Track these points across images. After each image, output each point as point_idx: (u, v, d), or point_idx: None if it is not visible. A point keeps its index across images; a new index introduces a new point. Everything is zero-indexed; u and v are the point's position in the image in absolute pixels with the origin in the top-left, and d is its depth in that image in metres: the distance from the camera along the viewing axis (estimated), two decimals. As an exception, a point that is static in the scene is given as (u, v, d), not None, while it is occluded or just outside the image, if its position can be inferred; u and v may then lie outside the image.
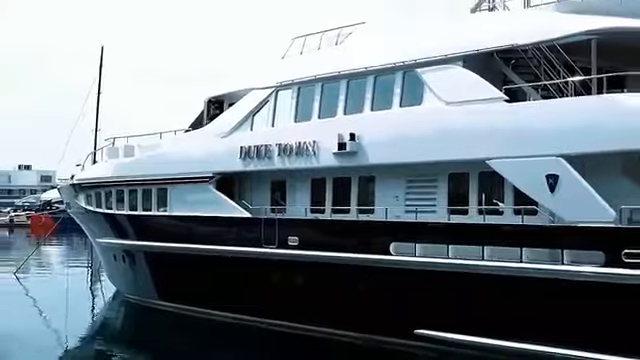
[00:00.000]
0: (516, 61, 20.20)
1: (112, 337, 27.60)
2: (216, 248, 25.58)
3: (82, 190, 33.72)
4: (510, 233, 18.81)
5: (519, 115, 19.38)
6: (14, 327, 27.08)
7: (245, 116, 26.35)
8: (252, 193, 26.18)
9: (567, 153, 17.90)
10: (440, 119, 20.76)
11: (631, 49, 19.22)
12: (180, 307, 27.43)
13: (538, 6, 21.12)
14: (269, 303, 23.88)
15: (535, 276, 17.88)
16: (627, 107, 17.68)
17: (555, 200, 18.14)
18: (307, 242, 22.97)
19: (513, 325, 18.25)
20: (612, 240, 16.84)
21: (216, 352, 22.60)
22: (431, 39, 21.48)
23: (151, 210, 29.25)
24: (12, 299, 35.15)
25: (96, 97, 39.84)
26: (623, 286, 16.44)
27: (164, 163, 28.96)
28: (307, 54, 26.44)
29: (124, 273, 31.70)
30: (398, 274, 20.50)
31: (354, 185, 23.41)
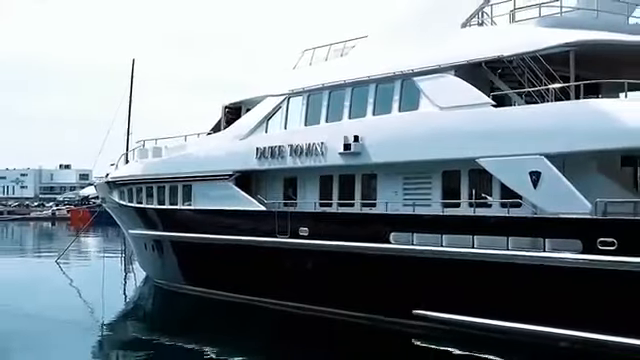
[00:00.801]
0: (502, 70, 20.21)
1: (143, 317, 27.72)
2: (235, 238, 25.69)
3: (116, 187, 33.84)
4: (497, 224, 18.87)
5: (505, 118, 19.40)
6: (57, 308, 27.45)
7: (260, 120, 26.43)
8: (267, 189, 26.22)
9: (548, 152, 17.94)
10: (434, 122, 20.81)
11: (605, 59, 19.34)
12: (203, 291, 27.51)
13: (522, 21, 21.09)
14: (282, 287, 23.97)
15: (520, 262, 17.90)
16: (601, 111, 17.69)
17: (537, 194, 18.15)
18: (316, 232, 23.04)
19: (500, 306, 18.27)
20: (588, 230, 16.86)
21: (235, 330, 22.59)
22: (426, 51, 21.46)
23: (177, 204, 29.34)
24: (55, 284, 35.70)
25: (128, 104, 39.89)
26: (598, 271, 16.45)
27: (189, 162, 29.08)
28: (316, 64, 26.50)
29: (153, 260, 31.81)
30: (397, 261, 20.57)
31: (358, 182, 23.46)
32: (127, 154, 35.56)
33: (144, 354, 20.67)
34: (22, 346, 20.63)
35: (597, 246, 16.50)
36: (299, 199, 25.21)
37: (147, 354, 20.56)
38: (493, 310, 18.35)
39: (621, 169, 18.76)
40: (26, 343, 21.17)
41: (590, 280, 16.62)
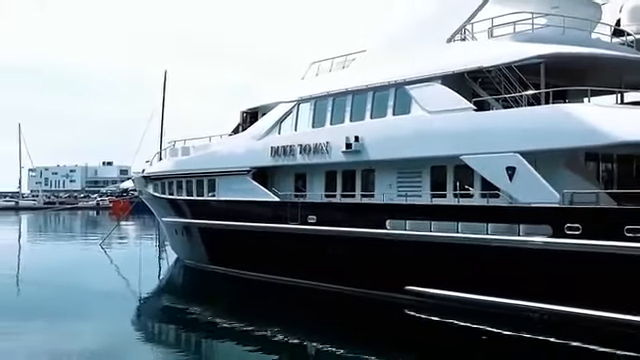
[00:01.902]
0: (482, 79, 20.14)
1: (174, 291, 27.86)
2: (253, 224, 25.74)
3: (151, 181, 33.89)
4: (478, 212, 18.91)
5: (485, 121, 19.37)
6: (102, 284, 27.77)
7: (274, 123, 26.41)
8: (280, 183, 26.19)
9: (522, 150, 17.98)
10: (424, 125, 20.75)
11: (571, 69, 19.40)
12: (225, 269, 27.58)
13: (499, 37, 21.02)
14: (293, 266, 23.99)
15: (498, 245, 17.95)
16: (568, 114, 17.69)
17: (513, 186, 18.16)
18: (323, 220, 23.04)
19: (480, 283, 18.31)
20: (557, 217, 16.88)
21: (250, 301, 22.80)
22: (416, 63, 21.42)
23: (203, 196, 29.36)
24: (99, 263, 35.89)
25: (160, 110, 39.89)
26: (565, 252, 16.50)
27: (213, 160, 29.08)
28: (321, 75, 26.50)
29: (183, 244, 31.85)
30: (392, 244, 20.59)
31: (358, 176, 23.44)
32: (160, 153, 35.60)
33: (174, 320, 20.86)
34: (71, 313, 20.89)
35: (564, 231, 16.57)
36: (308, 191, 25.19)
37: (177, 320, 20.72)
38: (474, 286, 18.40)
39: (585, 164, 18.72)
40: (75, 310, 21.43)
41: (558, 260, 16.69)
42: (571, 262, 16.39)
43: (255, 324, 18.53)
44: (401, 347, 15.94)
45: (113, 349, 16.41)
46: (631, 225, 15.44)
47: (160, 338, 19.13)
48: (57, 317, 20.31)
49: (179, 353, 17.25)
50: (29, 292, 26.38)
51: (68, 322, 19.66)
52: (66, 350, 15.78)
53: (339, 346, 15.63)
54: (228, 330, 18.62)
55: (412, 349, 15.75)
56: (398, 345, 16.21)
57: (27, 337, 17.24)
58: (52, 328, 18.66)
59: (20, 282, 29.52)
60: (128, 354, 16.22)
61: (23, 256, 42.72)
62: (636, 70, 20.46)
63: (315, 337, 16.60)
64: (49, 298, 24.13)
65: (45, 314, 20.88)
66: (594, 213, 16.60)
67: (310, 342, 16.19)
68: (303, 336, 16.75)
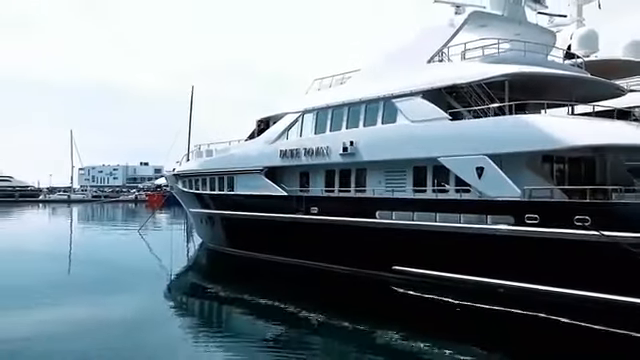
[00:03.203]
0: (456, 94, 20.10)
1: (199, 270, 27.86)
2: (265, 214, 25.67)
3: (180, 178, 33.86)
4: (453, 204, 18.88)
5: (458, 129, 19.31)
6: (139, 263, 28.13)
7: (283, 130, 26.37)
8: (288, 180, 26.11)
9: (489, 153, 17.99)
10: (407, 131, 20.73)
11: (530, 86, 19.36)
12: (242, 252, 27.52)
13: (470, 59, 21.05)
14: (298, 249, 23.98)
15: (469, 232, 17.96)
16: (528, 123, 17.69)
17: (482, 183, 18.15)
18: (323, 210, 23.06)
19: (455, 263, 18.35)
20: (518, 209, 16.90)
21: (263, 278, 22.78)
22: (401, 80, 21.39)
23: (224, 191, 29.31)
24: (137, 246, 36.03)
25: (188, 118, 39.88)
26: (525, 238, 16.54)
27: (232, 160, 29.05)
28: (322, 90, 26.46)
29: (207, 230, 31.82)
30: (381, 231, 20.56)
31: (353, 174, 23.34)
32: (188, 154, 35.58)
33: (199, 293, 21.02)
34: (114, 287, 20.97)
35: (525, 220, 16.62)
36: (311, 187, 25.13)
37: (201, 293, 20.92)
38: (450, 266, 18.46)
39: (542, 165, 18.71)
40: (117, 285, 21.51)
41: (520, 245, 16.69)
42: (530, 246, 16.45)
43: (265, 296, 18.56)
44: (388, 317, 15.90)
45: (148, 318, 16.46)
46: (579, 215, 15.49)
47: (187, 308, 19.14)
48: (101, 290, 20.38)
49: (203, 320, 17.36)
50: (79, 269, 26.54)
51: (111, 294, 19.69)
52: (108, 318, 15.78)
53: (335, 315, 15.63)
54: (243, 300, 18.70)
55: (397, 318, 15.70)
56: (385, 315, 16.18)
57: (76, 308, 17.31)
58: (97, 299, 18.71)
59: (72, 261, 29.65)
60: (161, 322, 16.21)
61: (74, 239, 42.93)
62: (584, 87, 20.56)
63: (315, 308, 16.58)
64: (95, 274, 24.24)
65: (91, 288, 21.00)
66: (549, 206, 16.61)
67: (311, 312, 16.15)
68: (305, 306, 16.71)
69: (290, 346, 13.76)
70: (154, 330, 15.10)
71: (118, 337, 13.85)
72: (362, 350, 12.99)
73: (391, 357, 12.55)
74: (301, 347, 13.58)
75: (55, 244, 37.93)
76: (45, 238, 43.41)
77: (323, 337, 14.24)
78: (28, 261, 28.93)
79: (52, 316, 16.07)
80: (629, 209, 15.57)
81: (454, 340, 13.26)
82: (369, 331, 14.06)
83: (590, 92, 20.86)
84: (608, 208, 15.83)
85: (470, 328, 14.82)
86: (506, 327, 14.73)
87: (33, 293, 19.35)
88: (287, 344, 13.95)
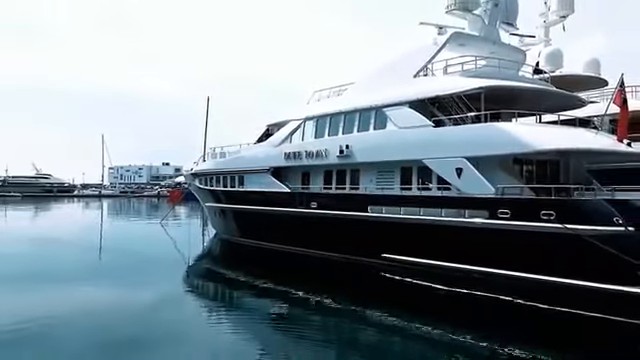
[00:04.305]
0: (439, 104, 20.09)
1: (213, 257, 27.72)
2: (271, 208, 25.71)
3: (197, 176, 33.83)
4: (435, 200, 18.86)
5: (440, 134, 19.31)
6: (161, 251, 28.00)
7: (287, 135, 26.32)
8: (291, 178, 26.08)
9: (468, 155, 18.02)
10: (396, 137, 20.71)
11: (503, 97, 19.34)
12: (251, 241, 27.48)
13: (451, 73, 21.08)
14: (299, 239, 23.98)
15: (449, 224, 17.98)
16: (501, 130, 17.72)
17: (460, 182, 18.17)
18: (322, 205, 23.04)
19: (437, 252, 18.36)
20: (492, 204, 16.92)
21: (268, 264, 22.73)
22: (391, 92, 21.39)
23: (235, 187, 29.29)
24: (159, 236, 35.92)
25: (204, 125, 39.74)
26: (498, 230, 16.56)
27: (242, 161, 29.00)
28: (322, 100, 26.41)
29: (220, 222, 31.80)
30: (372, 223, 20.59)
31: (348, 174, 23.31)
32: (204, 156, 35.52)
33: (213, 277, 20.94)
34: (140, 271, 21.07)
35: (498, 215, 16.65)
36: (311, 185, 25.08)
37: (215, 277, 20.83)
38: (432, 254, 18.48)
39: (513, 166, 18.69)
40: (141, 269, 21.63)
41: (493, 236, 16.70)
42: (502, 237, 16.45)
43: (270, 279, 18.51)
44: (377, 298, 15.96)
45: (169, 297, 16.50)
46: (545, 210, 15.55)
47: (202, 289, 19.13)
48: (129, 274, 20.49)
49: (216, 299, 17.40)
50: (109, 256, 26.64)
51: (137, 277, 19.81)
52: (135, 297, 15.89)
53: (331, 296, 15.60)
54: (251, 283, 18.66)
55: (386, 300, 15.76)
56: (375, 296, 16.24)
57: (107, 288, 17.39)
58: (125, 281, 18.82)
59: (102, 248, 29.69)
60: (180, 300, 16.25)
61: (104, 229, 42.90)
62: (550, 98, 20.57)
63: (314, 290, 16.57)
64: (123, 260, 24.37)
65: (120, 271, 21.12)
66: (519, 202, 16.61)
67: (309, 293, 16.16)
68: (304, 288, 16.71)
69: (291, 322, 13.82)
70: (174, 308, 15.15)
71: (144, 313, 14.04)
72: (354, 326, 13.04)
73: (380, 332, 12.58)
74: (300, 323, 13.62)
75: (88, 233, 37.99)
76: (79, 228, 43.40)
77: (320, 314, 14.27)
78: (65, 248, 29.20)
79: (87, 296, 16.19)
80: (588, 205, 15.66)
81: (435, 319, 13.25)
82: (361, 310, 14.11)
83: (555, 103, 20.86)
84: (570, 204, 15.88)
85: (450, 309, 14.84)
86: (481, 308, 14.74)
87: (70, 276, 19.71)
88: (288, 321, 13.98)
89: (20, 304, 14.78)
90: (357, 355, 11.25)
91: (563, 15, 31.84)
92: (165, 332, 12.32)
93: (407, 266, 19.05)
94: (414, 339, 11.95)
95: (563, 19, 31.97)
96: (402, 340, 12.02)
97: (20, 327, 12.14)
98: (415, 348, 11.54)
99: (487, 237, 16.85)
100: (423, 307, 14.97)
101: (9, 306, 14.52)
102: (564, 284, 14.86)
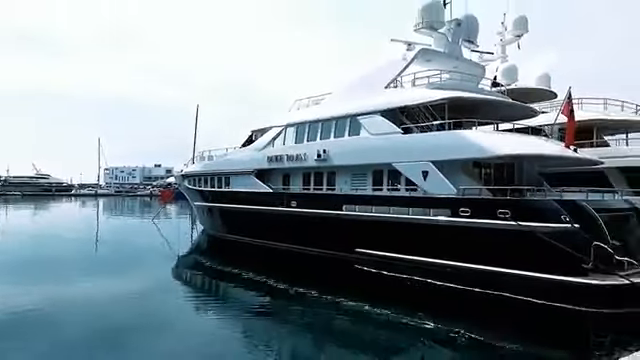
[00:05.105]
0: (407, 113, 20.15)
1: (201, 251, 27.40)
2: (255, 207, 25.48)
3: (187, 177, 33.42)
4: (403, 200, 18.89)
5: (408, 141, 19.36)
6: (152, 245, 27.57)
7: (270, 140, 26.16)
8: (273, 180, 25.88)
9: (433, 160, 18.09)
10: (369, 142, 20.74)
11: (465, 107, 19.46)
12: (236, 237, 27.20)
13: (418, 85, 21.18)
14: (280, 235, 23.80)
15: (416, 222, 18.00)
16: (463, 137, 17.82)
17: (426, 184, 18.24)
18: (301, 204, 22.90)
19: (405, 246, 18.32)
20: (454, 204, 16.98)
21: (252, 258, 22.60)
22: (364, 102, 21.41)
23: (222, 188, 29.03)
24: (150, 232, 35.30)
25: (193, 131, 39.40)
26: (459, 227, 16.65)
27: (229, 164, 28.73)
28: (302, 109, 26.28)
29: (208, 220, 31.46)
30: (347, 221, 20.51)
31: (325, 176, 23.25)
32: (193, 158, 35.20)
33: (200, 269, 20.69)
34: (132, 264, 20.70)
35: (459, 213, 16.70)
36: (291, 185, 24.94)
37: (202, 269, 20.59)
38: (401, 249, 18.45)
39: (473, 170, 18.85)
40: (134, 262, 21.25)
41: (455, 232, 16.78)
42: (463, 233, 16.53)
43: (253, 272, 18.45)
44: (351, 288, 15.96)
45: (160, 287, 16.34)
46: (501, 209, 15.65)
47: (189, 281, 18.86)
48: (122, 266, 20.22)
49: (203, 290, 17.18)
50: (104, 249, 26.20)
51: (130, 269, 19.57)
52: (128, 287, 15.59)
53: (309, 286, 15.61)
54: (235, 275, 18.60)
55: (359, 290, 15.77)
56: (349, 287, 16.25)
57: (102, 278, 17.08)
58: (119, 272, 18.54)
59: (98, 242, 29.22)
60: (169, 290, 16.06)
61: (100, 225, 42.18)
62: (506, 109, 20.74)
63: (293, 281, 16.57)
64: (117, 253, 24.08)
65: (114, 263, 20.86)
66: (478, 201, 16.71)
67: (289, 284, 16.14)
68: (284, 280, 16.73)
69: (270, 310, 13.77)
70: (165, 297, 14.97)
71: (136, 302, 13.86)
72: (330, 314, 13.01)
73: (352, 319, 12.58)
74: (280, 311, 13.59)
75: (84, 228, 37.36)
76: (76, 224, 42.61)
77: (298, 303, 14.19)
78: (63, 241, 28.69)
79: (82, 285, 15.92)
80: (539, 205, 15.82)
81: (402, 306, 13.32)
82: (336, 299, 14.12)
83: (511, 113, 21.07)
84: (523, 204, 16.04)
85: (415, 297, 14.94)
86: (443, 297, 14.88)
87: (68, 266, 19.46)
88: (268, 309, 13.92)
89: (17, 292, 14.45)
90: (333, 340, 11.24)
91: (518, 34, 32.35)
92: (154, 319, 12.16)
93: (378, 259, 19.02)
94: (383, 325, 12.00)
95: (518, 38, 32.48)
96: (373, 326, 12.05)
97: (16, 314, 11.93)
98: (383, 332, 11.57)
99: (450, 233, 16.92)
100: (392, 296, 15.02)
101: (7, 293, 14.23)
102: (518, 275, 14.95)
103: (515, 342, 10.30)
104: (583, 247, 14.08)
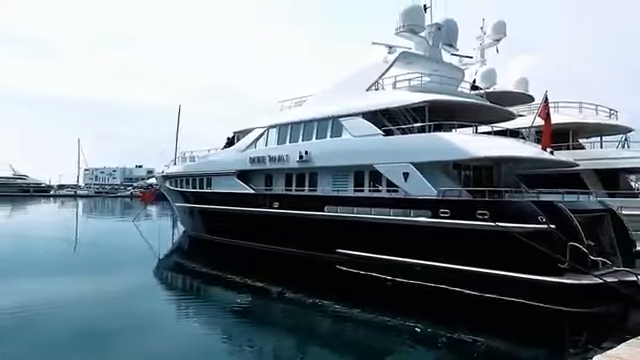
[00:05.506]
0: (389, 115, 20.31)
1: (182, 252, 27.17)
2: (237, 208, 25.29)
3: (168, 178, 33.12)
4: (384, 201, 18.97)
5: (390, 142, 19.50)
6: (133, 246, 27.35)
7: (252, 141, 26.07)
8: (255, 181, 25.80)
9: (413, 161, 18.23)
10: (350, 144, 20.81)
11: (445, 110, 19.67)
12: (217, 238, 26.99)
13: (399, 88, 21.36)
14: (262, 236, 23.66)
15: (397, 223, 18.08)
16: (442, 139, 18.00)
17: (407, 185, 18.37)
18: (283, 205, 22.82)
19: (386, 247, 18.40)
20: (435, 205, 17.11)
21: (233, 259, 22.46)
22: (346, 104, 21.51)
23: (203, 189, 28.82)
24: (131, 233, 34.91)
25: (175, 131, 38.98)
26: (439, 227, 16.76)
27: (211, 165, 28.56)
28: (285, 110, 26.28)
29: (189, 220, 31.18)
30: (328, 221, 20.51)
31: (307, 177, 23.25)
32: (175, 159, 34.88)
33: (181, 270, 20.52)
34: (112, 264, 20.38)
35: (439, 214, 16.82)
36: (273, 186, 24.88)
37: (183, 270, 20.42)
38: (382, 249, 18.51)
39: (453, 171, 19.05)
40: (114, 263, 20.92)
41: (435, 233, 16.89)
42: (444, 234, 16.65)
43: (234, 273, 18.34)
44: (333, 289, 15.99)
45: (140, 288, 16.12)
46: (480, 210, 15.85)
47: (170, 282, 18.69)
48: (102, 266, 19.87)
49: (184, 291, 17.00)
50: (82, 250, 25.81)
51: (110, 270, 19.21)
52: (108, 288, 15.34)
53: (291, 286, 15.62)
54: (216, 276, 18.48)
55: (340, 290, 15.80)
56: (331, 287, 16.27)
57: (80, 279, 16.75)
58: (98, 273, 18.21)
59: (77, 243, 28.73)
60: (150, 291, 15.89)
61: (80, 226, 41.35)
62: (485, 112, 21.06)
63: (275, 281, 16.55)
64: (97, 254, 23.68)
65: (93, 264, 20.47)
66: (458, 203, 16.87)
67: (271, 285, 16.10)
68: (266, 280, 16.67)
69: (251, 311, 13.69)
70: (144, 298, 14.77)
71: (115, 304, 13.56)
72: (311, 313, 13.04)
73: (333, 318, 12.59)
74: (262, 311, 13.55)
75: (63, 229, 36.51)
76: (54, 224, 41.77)
77: (279, 304, 14.20)
78: (39, 242, 28.05)
79: (59, 287, 15.56)
80: (517, 206, 16.03)
81: (383, 305, 13.39)
82: (317, 300, 14.11)
83: (489, 116, 21.35)
84: (501, 205, 16.21)
85: (396, 297, 15.01)
86: (424, 296, 14.97)
87: (45, 267, 19.02)
88: (249, 310, 13.83)
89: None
90: (313, 341, 11.23)
91: (497, 39, 32.80)
92: (133, 321, 11.94)
93: (359, 260, 19.06)
94: (364, 325, 12.04)
95: (497, 42, 32.94)
96: (353, 326, 12.07)
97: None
98: (364, 332, 11.60)
99: (430, 234, 17.04)
100: (372, 296, 15.08)
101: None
102: (497, 275, 15.13)
103: (493, 341, 10.44)
104: (559, 247, 14.31)
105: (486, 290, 14.43)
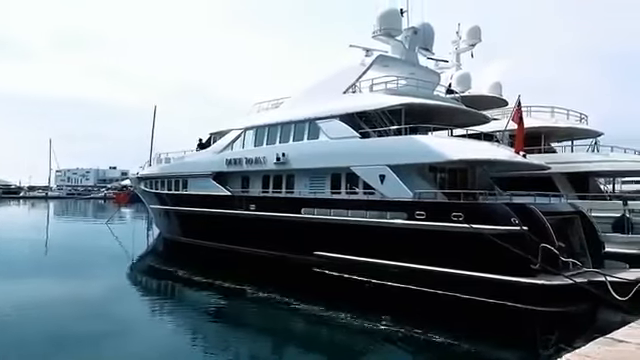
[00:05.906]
0: (365, 118, 20.36)
1: (157, 255, 26.81)
2: (213, 210, 24.99)
3: (143, 180, 32.61)
4: (361, 203, 18.96)
5: (366, 145, 19.52)
6: (106, 249, 26.58)
7: (229, 143, 25.85)
8: (232, 183, 25.54)
9: (389, 164, 18.26)
10: (327, 146, 20.78)
11: (421, 113, 19.86)
12: (192, 240, 26.57)
13: (376, 91, 21.40)
14: (239, 238, 23.42)
15: (373, 225, 18.08)
16: (418, 142, 18.14)
17: (383, 187, 18.39)
18: (260, 207, 22.70)
19: (362, 249, 18.35)
20: (410, 207, 17.18)
21: (209, 262, 22.22)
22: (323, 106, 21.47)
23: (179, 191, 28.46)
24: (105, 235, 34.09)
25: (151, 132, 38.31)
26: (415, 229, 16.82)
27: (186, 166, 28.18)
28: (261, 112, 26.13)
29: (164, 223, 30.70)
30: (305, 224, 20.44)
31: (284, 179, 23.13)
32: (150, 160, 34.35)
33: (156, 273, 20.19)
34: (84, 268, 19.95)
35: (415, 216, 16.89)
36: (250, 189, 24.67)
37: (157, 273, 20.08)
38: (359, 251, 18.46)
39: (428, 174, 19.19)
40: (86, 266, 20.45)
41: (411, 234, 16.93)
42: (419, 235, 16.70)
43: (210, 276, 18.05)
44: (309, 291, 15.98)
45: (113, 292, 15.77)
46: (455, 212, 15.98)
47: (145, 284, 18.40)
48: (73, 270, 19.42)
49: (158, 294, 16.76)
50: (53, 253, 25.16)
51: (82, 273, 18.78)
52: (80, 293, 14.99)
53: (268, 289, 15.47)
54: (192, 279, 18.14)
55: (317, 293, 15.80)
56: (308, 290, 16.25)
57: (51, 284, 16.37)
58: (69, 277, 17.81)
59: (48, 246, 28.06)
60: (123, 295, 15.56)
61: (51, 228, 40.43)
62: (460, 115, 21.30)
63: (251, 284, 16.39)
64: (68, 257, 23.06)
65: (65, 268, 20.00)
66: (433, 205, 16.98)
67: (247, 287, 15.95)
68: (242, 283, 16.49)
69: (227, 314, 13.60)
70: (117, 300, 14.51)
71: (88, 308, 13.22)
72: (288, 315, 12.97)
73: (309, 320, 12.58)
74: (237, 314, 13.42)
75: (33, 232, 35.61)
76: (24, 226, 40.77)
77: (256, 306, 14.06)
78: (10, 244, 27.31)
79: (30, 290, 15.12)
80: (490, 208, 16.24)
81: (359, 307, 13.40)
82: (294, 302, 14.03)
83: (464, 119, 21.61)
84: (476, 207, 16.42)
85: (372, 298, 15.07)
86: (400, 297, 15.04)
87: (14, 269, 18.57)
88: (225, 312, 13.74)
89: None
90: (290, 343, 11.17)
91: (472, 44, 33.28)
92: (106, 324, 11.68)
93: (336, 262, 19.01)
94: (340, 327, 11.99)
95: (472, 47, 33.41)
96: (330, 328, 12.04)
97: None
98: (340, 334, 11.57)
99: (406, 236, 17.09)
100: (349, 298, 15.08)
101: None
102: (471, 276, 15.26)
103: (468, 341, 10.54)
104: (531, 249, 14.54)
105: (461, 291, 14.57)
